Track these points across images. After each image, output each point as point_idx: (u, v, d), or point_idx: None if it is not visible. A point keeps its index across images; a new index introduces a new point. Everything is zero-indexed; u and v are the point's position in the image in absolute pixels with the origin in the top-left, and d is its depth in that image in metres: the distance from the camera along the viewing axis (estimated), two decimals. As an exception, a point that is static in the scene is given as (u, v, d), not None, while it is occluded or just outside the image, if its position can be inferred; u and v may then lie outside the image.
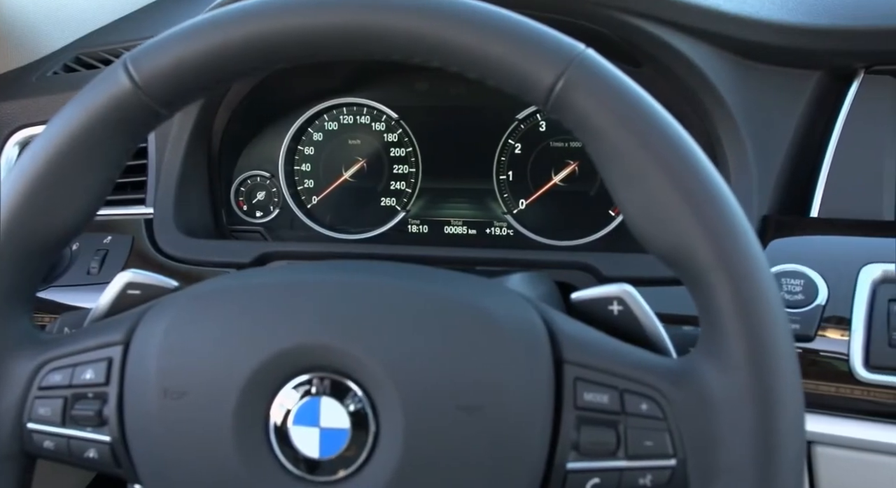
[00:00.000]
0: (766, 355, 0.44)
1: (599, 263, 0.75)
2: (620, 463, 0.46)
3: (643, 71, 0.79)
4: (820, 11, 0.79)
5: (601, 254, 0.77)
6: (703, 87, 0.76)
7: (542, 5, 0.70)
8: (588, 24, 0.72)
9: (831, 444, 0.66)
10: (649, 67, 0.78)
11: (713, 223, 0.45)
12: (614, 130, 0.46)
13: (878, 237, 0.72)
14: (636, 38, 0.73)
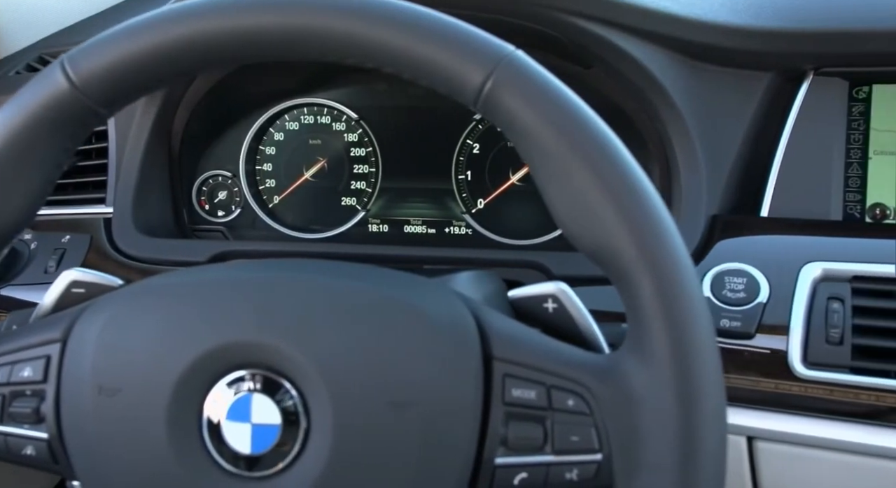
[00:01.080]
0: (687, 351, 0.45)
1: (550, 262, 0.76)
2: (547, 458, 0.47)
3: (593, 72, 0.80)
4: (768, 14, 0.80)
5: (553, 254, 0.78)
6: (653, 88, 0.77)
7: (489, 7, 0.71)
8: (536, 26, 0.73)
9: (772, 440, 0.67)
10: (599, 68, 0.79)
11: (637, 221, 0.45)
12: (541, 130, 0.46)
13: (824, 236, 0.73)
14: (583, 39, 0.74)
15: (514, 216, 0.92)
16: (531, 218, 0.91)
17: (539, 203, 0.91)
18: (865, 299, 0.65)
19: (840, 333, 0.64)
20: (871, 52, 0.79)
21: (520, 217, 0.92)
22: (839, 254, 0.69)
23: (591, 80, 0.82)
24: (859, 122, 0.81)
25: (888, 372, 0.63)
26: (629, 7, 0.73)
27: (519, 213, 0.92)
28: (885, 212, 0.79)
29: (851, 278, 0.67)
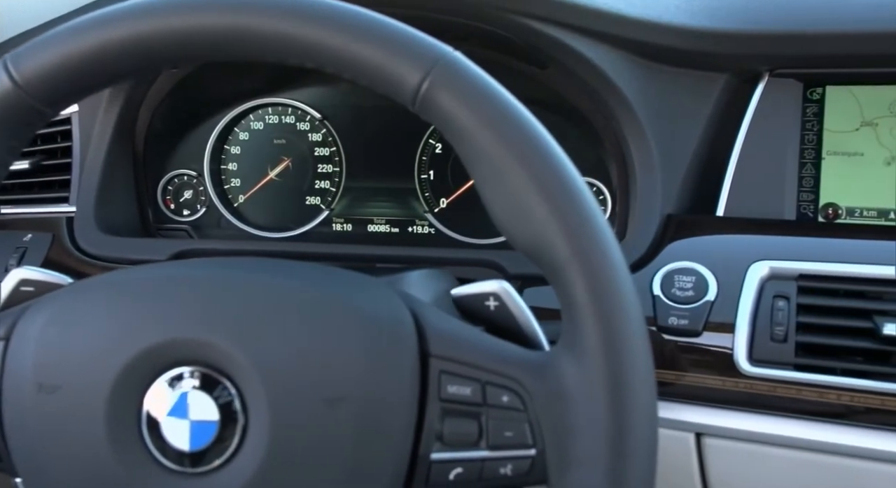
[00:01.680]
0: (617, 347, 0.46)
1: (506, 261, 0.77)
2: (482, 454, 0.48)
3: (549, 72, 0.81)
4: (723, 16, 0.81)
5: (511, 253, 0.79)
6: (608, 89, 0.78)
7: (441, 9, 0.71)
8: (488, 27, 0.73)
9: (719, 436, 0.68)
10: (554, 69, 0.79)
11: (569, 220, 0.46)
12: (476, 130, 0.47)
13: (774, 236, 0.74)
14: (537, 41, 0.74)
15: (475, 215, 0.93)
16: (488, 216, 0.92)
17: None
18: (810, 297, 0.66)
19: (784, 331, 0.65)
20: (824, 54, 0.80)
21: (481, 216, 0.92)
22: (788, 252, 0.70)
23: (547, 80, 0.82)
24: (813, 123, 0.82)
25: (831, 370, 0.64)
26: (582, 9, 0.73)
27: (480, 213, 0.92)
28: (837, 211, 0.80)
29: (798, 277, 0.68)
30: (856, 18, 0.78)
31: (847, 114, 0.82)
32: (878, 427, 0.63)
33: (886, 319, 0.63)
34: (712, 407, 0.67)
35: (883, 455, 0.63)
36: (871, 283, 0.66)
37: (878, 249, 0.69)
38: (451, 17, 0.72)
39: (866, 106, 0.81)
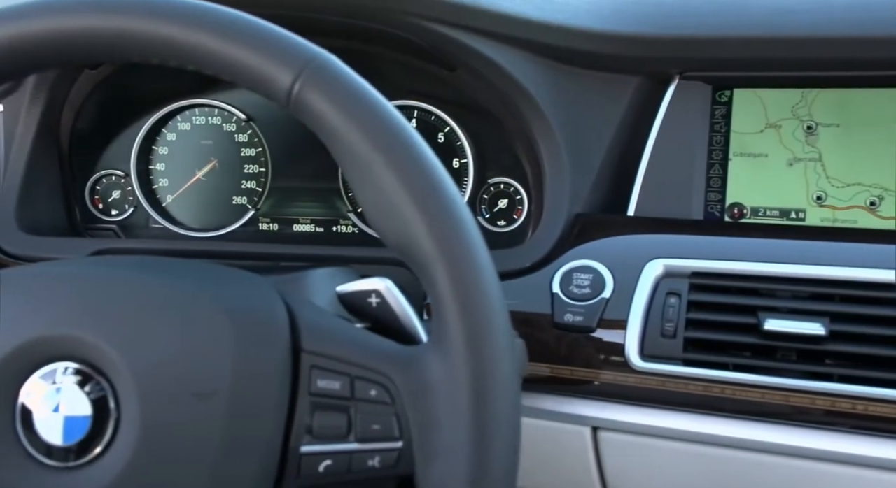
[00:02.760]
0: (481, 343, 0.47)
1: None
2: (351, 446, 0.49)
3: (458, 74, 0.82)
4: (634, 20, 0.83)
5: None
6: (516, 91, 0.79)
7: (344, 12, 0.72)
8: (392, 30, 0.74)
9: (613, 429, 0.70)
10: (463, 71, 0.81)
11: (435, 219, 0.48)
12: (346, 131, 0.48)
13: (678, 235, 0.76)
14: (442, 44, 0.76)
15: (398, 215, 0.94)
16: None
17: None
18: (700, 294, 0.68)
19: (674, 327, 0.67)
20: (732, 58, 0.82)
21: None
22: (685, 251, 0.72)
23: (457, 82, 0.84)
24: (721, 125, 0.85)
25: (720, 365, 0.66)
26: (486, 13, 0.75)
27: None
28: (742, 210, 0.83)
29: (690, 274, 0.70)
30: (762, 23, 0.80)
31: (753, 116, 0.84)
32: (761, 420, 0.65)
33: (769, 315, 0.65)
34: (607, 402, 0.69)
35: (766, 446, 0.65)
36: (758, 280, 0.68)
37: (772, 248, 0.71)
38: (354, 20, 0.73)
39: (771, 108, 0.83)
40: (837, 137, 0.80)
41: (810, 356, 0.64)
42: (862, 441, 0.62)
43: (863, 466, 0.63)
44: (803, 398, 0.63)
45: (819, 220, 0.80)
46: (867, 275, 0.65)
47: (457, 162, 0.91)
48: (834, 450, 0.63)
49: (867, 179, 0.79)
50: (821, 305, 0.65)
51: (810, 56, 0.79)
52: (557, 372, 0.69)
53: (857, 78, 0.80)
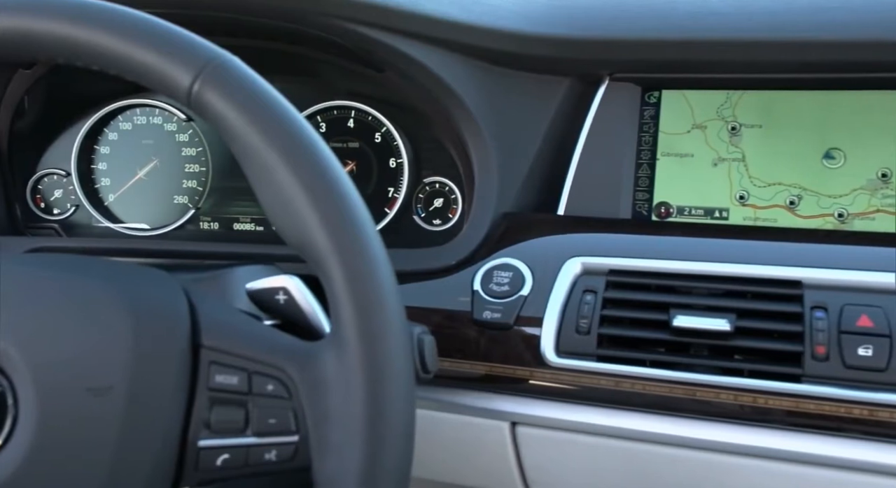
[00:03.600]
0: (374, 338, 0.48)
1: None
2: (248, 440, 0.50)
3: (387, 75, 0.83)
4: (564, 22, 0.84)
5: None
6: (444, 92, 0.80)
7: (269, 14, 0.73)
8: (319, 32, 0.75)
9: (531, 424, 0.71)
10: (391, 72, 0.82)
11: (330, 216, 0.49)
12: (245, 130, 0.49)
13: (600, 233, 0.77)
14: (368, 46, 0.77)
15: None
16: (352, 216, 0.94)
17: (360, 201, 0.94)
18: (615, 291, 0.70)
19: (588, 323, 0.68)
20: (660, 60, 0.84)
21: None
22: (606, 249, 0.73)
23: (388, 82, 0.85)
24: (650, 125, 0.86)
25: (629, 360, 0.67)
26: (409, 14, 0.76)
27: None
28: (668, 209, 0.84)
29: (608, 272, 0.71)
30: (689, 26, 0.82)
31: (680, 117, 0.85)
32: (669, 414, 0.66)
33: (680, 312, 0.67)
34: (525, 397, 0.70)
35: (675, 440, 0.66)
36: (671, 278, 0.69)
37: (690, 246, 0.73)
38: (274, 21, 0.74)
39: (697, 109, 0.85)
40: (760, 138, 0.82)
41: (719, 352, 0.66)
42: (764, 434, 0.64)
43: (766, 458, 0.64)
44: (708, 392, 0.64)
45: (741, 219, 0.82)
46: (773, 272, 0.67)
47: (393, 161, 0.93)
48: (738, 443, 0.64)
49: (787, 179, 0.81)
50: (729, 302, 0.67)
51: (734, 58, 0.81)
52: (475, 368, 0.71)
53: (779, 80, 0.82)
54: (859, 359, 0.61)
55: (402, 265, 0.77)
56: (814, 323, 0.63)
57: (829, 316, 0.63)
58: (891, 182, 0.77)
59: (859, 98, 0.80)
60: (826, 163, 0.80)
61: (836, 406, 0.61)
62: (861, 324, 0.62)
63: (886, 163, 0.78)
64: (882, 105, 0.79)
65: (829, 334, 0.62)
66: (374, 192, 0.94)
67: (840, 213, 0.79)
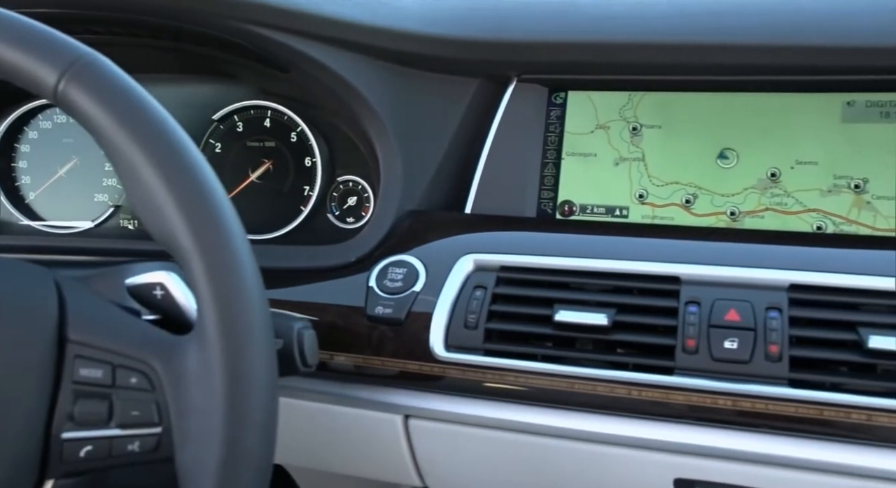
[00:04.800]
0: (234, 333, 0.50)
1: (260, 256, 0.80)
2: (112, 432, 0.51)
3: (293, 76, 0.84)
4: (471, 24, 0.86)
5: (264, 247, 0.83)
6: (348, 92, 0.82)
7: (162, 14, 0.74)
8: (221, 34, 0.77)
9: (423, 417, 0.73)
10: (296, 73, 0.83)
11: (193, 213, 0.50)
12: (111, 128, 0.51)
13: (506, 231, 0.79)
14: (269, 47, 0.78)
15: (253, 212, 0.96)
16: (269, 214, 0.96)
17: (275, 199, 0.96)
18: (504, 287, 0.71)
19: (476, 318, 0.70)
20: (566, 61, 0.86)
21: (259, 213, 0.96)
22: (501, 247, 0.75)
23: (295, 81, 0.86)
24: (556, 126, 0.88)
25: (514, 354, 0.69)
26: (311, 16, 0.77)
27: (258, 210, 0.96)
28: (572, 208, 0.86)
29: (499, 268, 0.73)
30: (591, 29, 0.84)
31: (585, 117, 0.87)
32: (550, 406, 0.68)
33: (563, 307, 0.68)
34: (417, 391, 0.72)
35: (555, 431, 0.68)
36: (560, 274, 0.71)
37: (586, 243, 0.75)
38: (176, 22, 0.75)
39: (601, 110, 0.87)
40: (659, 138, 0.84)
41: (601, 346, 0.68)
42: (637, 424, 0.66)
43: (640, 448, 0.67)
44: (586, 385, 0.66)
45: (640, 217, 0.84)
46: (653, 268, 0.69)
47: (308, 160, 0.94)
48: (614, 434, 0.66)
49: (684, 178, 0.83)
50: (611, 297, 0.69)
51: (634, 61, 0.83)
52: (368, 362, 0.72)
53: (677, 82, 0.84)
54: (725, 352, 0.63)
55: (304, 262, 0.79)
56: (686, 317, 0.65)
57: (701, 310, 0.65)
58: (780, 181, 0.80)
59: (752, 100, 0.82)
60: (720, 163, 0.82)
61: (703, 397, 0.63)
62: (729, 318, 0.64)
63: (776, 164, 0.80)
64: (773, 107, 0.81)
65: (699, 328, 0.64)
66: (291, 191, 0.95)
67: (732, 212, 0.81)
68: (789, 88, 0.81)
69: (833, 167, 0.79)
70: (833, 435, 0.61)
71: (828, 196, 0.78)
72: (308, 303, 0.77)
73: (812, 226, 0.78)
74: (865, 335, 0.61)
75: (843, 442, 0.61)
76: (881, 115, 0.78)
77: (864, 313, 0.63)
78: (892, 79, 0.76)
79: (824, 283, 0.65)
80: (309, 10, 0.77)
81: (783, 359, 0.62)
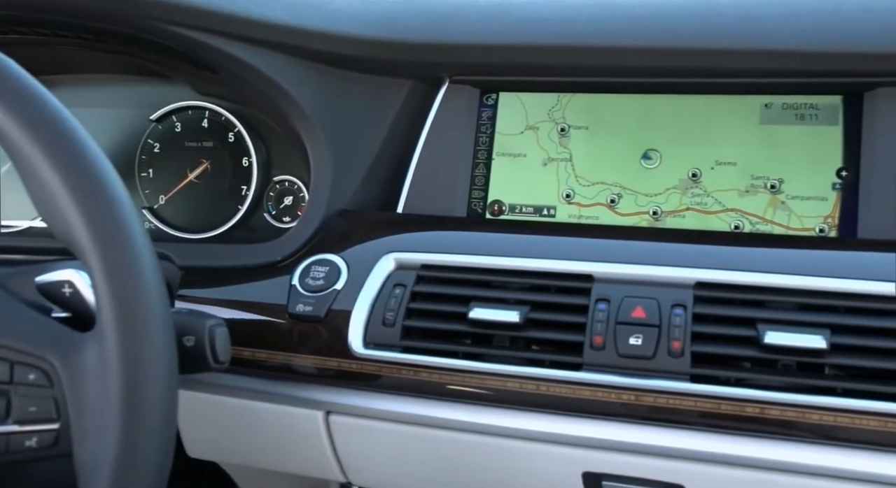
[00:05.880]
0: (131, 330, 0.51)
1: (174, 253, 0.81)
2: (9, 428, 0.52)
3: (224, 77, 0.85)
4: (403, 26, 0.87)
5: (183, 245, 0.84)
6: (277, 93, 0.83)
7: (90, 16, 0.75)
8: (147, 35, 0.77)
9: (343, 413, 0.74)
10: (226, 74, 0.84)
11: (91, 212, 0.51)
12: (11, 128, 0.51)
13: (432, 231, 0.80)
14: (194, 48, 0.79)
15: (192, 211, 0.97)
16: (207, 213, 0.96)
17: (213, 198, 0.97)
18: (423, 285, 0.73)
19: (395, 316, 0.71)
20: (497, 63, 0.87)
21: (197, 212, 0.97)
22: (425, 246, 0.76)
23: (225, 82, 0.87)
24: (487, 126, 0.89)
25: (430, 351, 0.70)
26: (236, 17, 0.78)
27: (197, 209, 0.97)
28: (501, 207, 0.87)
29: (420, 267, 0.74)
30: (520, 31, 0.85)
31: (515, 118, 0.89)
32: (465, 402, 0.69)
33: (479, 304, 0.70)
34: (337, 387, 0.73)
35: (468, 426, 0.70)
36: (476, 272, 0.73)
37: (511, 242, 0.76)
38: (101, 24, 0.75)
39: (531, 111, 0.88)
40: (586, 139, 0.86)
41: (515, 343, 0.69)
42: (547, 420, 0.67)
43: (549, 443, 0.68)
44: (497, 381, 0.67)
45: (567, 217, 0.85)
46: (567, 267, 0.70)
47: (245, 160, 0.95)
48: (523, 429, 0.68)
49: (609, 178, 0.85)
50: (526, 295, 0.70)
51: (561, 63, 0.84)
52: (290, 359, 0.73)
53: (603, 84, 0.85)
54: (630, 348, 0.64)
55: (232, 261, 0.80)
56: (595, 314, 0.67)
57: (610, 307, 0.67)
58: (700, 182, 0.82)
59: (675, 102, 0.84)
60: (644, 164, 0.84)
61: (608, 392, 0.65)
62: (635, 315, 0.66)
63: (697, 164, 0.82)
64: (695, 109, 0.83)
65: (606, 325, 0.66)
66: (228, 190, 0.96)
67: (654, 211, 0.83)
68: (710, 91, 0.82)
69: (751, 168, 0.80)
70: (730, 428, 0.63)
71: (745, 196, 0.80)
72: (234, 300, 0.78)
73: (730, 226, 0.80)
74: (763, 331, 0.62)
75: (739, 434, 0.63)
76: (797, 117, 0.80)
77: (764, 310, 0.65)
78: (807, 82, 0.78)
79: (727, 281, 0.66)
80: (235, 11, 0.77)
81: (685, 355, 0.64)
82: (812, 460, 0.62)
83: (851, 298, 0.64)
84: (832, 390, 0.61)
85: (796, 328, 0.62)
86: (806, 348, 0.61)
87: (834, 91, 0.79)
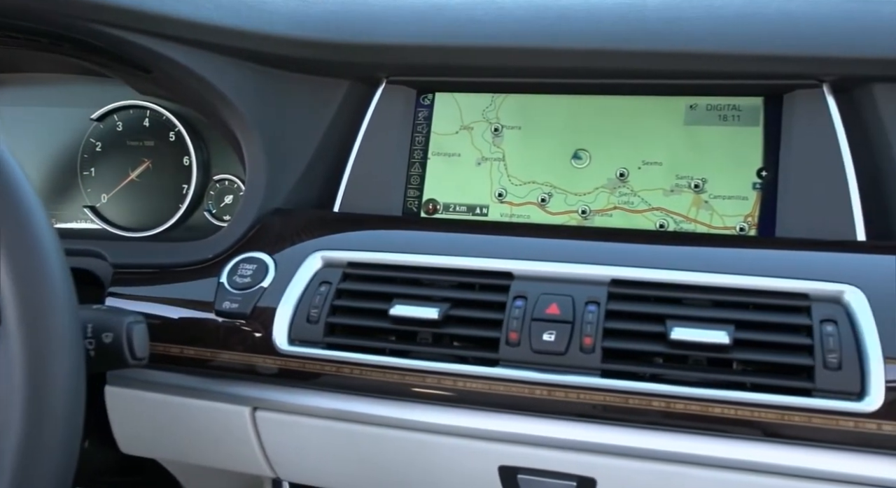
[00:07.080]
0: (33, 328, 0.52)
1: (109, 251, 0.82)
2: (-84, 422, 0.53)
3: (156, 76, 0.86)
4: (339, 27, 0.88)
5: (121, 243, 0.85)
6: (211, 93, 0.83)
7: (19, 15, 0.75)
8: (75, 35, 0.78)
9: (268, 409, 0.75)
10: (158, 73, 0.85)
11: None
12: None
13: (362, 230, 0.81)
14: (123, 48, 0.79)
15: (133, 209, 0.98)
16: (148, 211, 0.97)
17: (155, 197, 0.97)
18: (348, 283, 0.74)
19: (319, 313, 0.72)
20: (432, 64, 0.88)
21: (139, 210, 0.98)
22: (354, 244, 0.77)
23: (159, 82, 0.88)
24: (423, 126, 0.91)
25: (352, 347, 0.71)
26: (167, 18, 0.78)
27: (138, 207, 0.98)
28: (436, 206, 0.89)
29: (346, 264, 0.75)
30: (453, 33, 0.86)
31: (450, 118, 0.90)
32: (385, 398, 0.71)
33: (399, 301, 0.71)
34: (263, 383, 0.74)
35: (388, 421, 0.71)
36: (400, 270, 0.74)
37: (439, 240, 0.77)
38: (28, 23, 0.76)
39: (465, 111, 0.90)
40: (518, 139, 0.87)
41: (435, 339, 0.71)
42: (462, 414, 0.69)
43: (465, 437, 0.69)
44: (416, 377, 0.68)
45: (499, 215, 0.87)
46: (486, 264, 0.72)
47: (186, 160, 0.96)
48: (441, 423, 0.69)
49: (540, 178, 0.86)
50: (446, 292, 0.71)
51: (493, 64, 0.86)
52: (215, 355, 0.74)
53: (535, 84, 0.87)
54: (544, 344, 0.66)
55: (166, 258, 0.81)
56: (512, 311, 0.68)
57: (527, 304, 0.68)
58: (627, 181, 0.83)
59: (604, 102, 0.85)
60: (574, 164, 0.85)
61: (522, 387, 0.66)
62: (550, 311, 0.67)
63: (624, 164, 0.83)
64: (622, 109, 0.84)
65: (522, 321, 0.67)
66: (170, 189, 0.97)
67: (583, 210, 0.84)
68: (638, 92, 0.84)
69: (675, 167, 0.82)
70: (638, 423, 0.64)
71: (670, 195, 0.82)
72: (165, 298, 0.79)
73: (656, 224, 0.82)
74: (671, 327, 0.64)
75: (648, 428, 0.64)
76: (720, 118, 0.81)
77: (675, 307, 0.66)
78: (729, 83, 0.80)
79: (640, 278, 0.68)
80: (165, 11, 0.78)
81: (596, 351, 0.65)
82: (717, 452, 0.63)
83: (758, 295, 0.65)
84: (741, 385, 0.63)
85: (703, 324, 0.64)
86: (710, 343, 0.62)
87: (755, 93, 0.80)
